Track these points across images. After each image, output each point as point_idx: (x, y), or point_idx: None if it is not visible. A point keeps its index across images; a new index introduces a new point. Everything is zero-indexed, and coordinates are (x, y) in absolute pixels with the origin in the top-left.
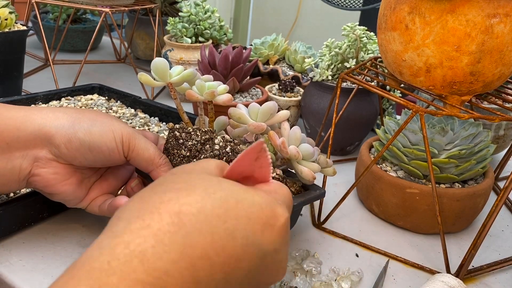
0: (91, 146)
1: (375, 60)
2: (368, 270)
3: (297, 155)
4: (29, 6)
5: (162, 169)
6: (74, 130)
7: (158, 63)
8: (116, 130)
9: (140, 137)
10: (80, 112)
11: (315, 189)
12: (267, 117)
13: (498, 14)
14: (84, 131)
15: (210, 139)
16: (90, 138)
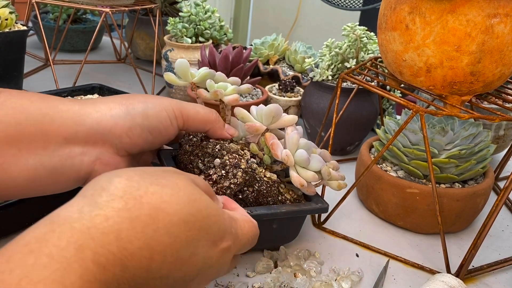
0: (151, 128)
1: (375, 60)
2: (368, 270)
3: (286, 159)
4: (29, 6)
5: (217, 126)
6: (131, 116)
7: (181, 63)
8: (167, 107)
9: (187, 105)
10: (129, 97)
11: (316, 202)
12: (270, 120)
13: (498, 14)
14: (141, 116)
15: (207, 138)
16: (148, 122)
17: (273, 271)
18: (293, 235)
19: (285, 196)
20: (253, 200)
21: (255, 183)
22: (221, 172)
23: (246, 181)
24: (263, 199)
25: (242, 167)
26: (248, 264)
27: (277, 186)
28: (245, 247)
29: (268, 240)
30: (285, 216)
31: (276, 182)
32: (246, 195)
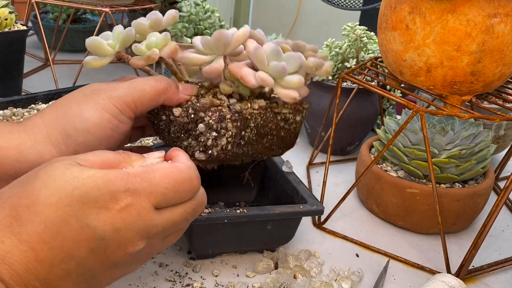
0: (98, 140)
1: (376, 60)
2: (368, 270)
3: (264, 82)
4: (29, 6)
5: (170, 93)
6: (71, 140)
7: (91, 41)
8: (107, 106)
9: (130, 88)
10: (65, 114)
11: (312, 203)
12: (222, 49)
13: (498, 14)
14: (82, 134)
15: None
16: (91, 136)
17: (273, 271)
18: (289, 236)
19: (283, 113)
20: (256, 138)
21: (249, 122)
22: (212, 134)
23: (240, 127)
24: (265, 130)
25: (228, 117)
26: (248, 264)
27: (270, 110)
28: (169, 197)
29: (263, 241)
30: (279, 218)
31: (267, 106)
32: (248, 138)
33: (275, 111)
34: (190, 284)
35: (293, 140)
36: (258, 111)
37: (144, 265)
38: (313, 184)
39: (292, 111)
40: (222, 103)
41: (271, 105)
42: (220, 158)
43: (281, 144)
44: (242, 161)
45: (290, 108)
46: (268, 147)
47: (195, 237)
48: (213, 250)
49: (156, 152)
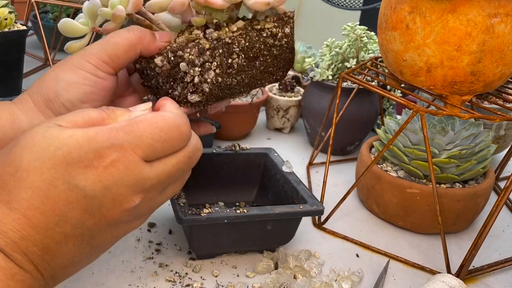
0: (82, 99)
1: (376, 59)
2: (369, 270)
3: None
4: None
5: (146, 42)
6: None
7: (63, 23)
8: (82, 65)
9: (103, 43)
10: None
11: (312, 204)
12: None
13: (498, 13)
14: (56, 77)
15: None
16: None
17: (273, 272)
18: (289, 236)
19: (267, 28)
20: (247, 63)
21: (233, 47)
22: (196, 70)
23: (224, 54)
24: (254, 52)
25: (207, 47)
26: (248, 264)
27: (251, 28)
28: (158, 148)
29: (263, 241)
30: (279, 218)
31: (247, 25)
32: (238, 65)
33: (257, 28)
34: (190, 284)
35: (290, 56)
36: (238, 33)
37: (144, 265)
38: (313, 184)
39: (277, 24)
40: (198, 36)
41: (252, 24)
42: (216, 94)
43: (278, 64)
44: (242, 91)
45: (273, 21)
46: (265, 71)
47: (195, 237)
48: (213, 250)
49: (142, 104)
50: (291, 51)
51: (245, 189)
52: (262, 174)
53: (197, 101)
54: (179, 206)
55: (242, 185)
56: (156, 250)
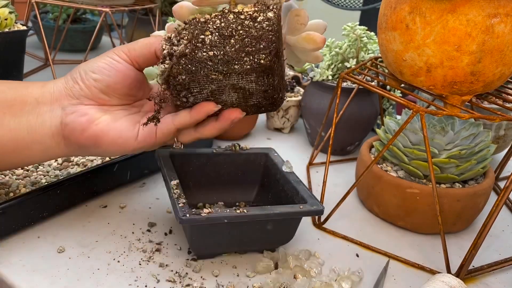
0: (94, 70)
1: (376, 60)
2: (369, 270)
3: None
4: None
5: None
6: (78, 67)
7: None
8: (108, 52)
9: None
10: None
11: (312, 204)
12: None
13: (498, 13)
14: (85, 63)
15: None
16: (86, 65)
17: (273, 271)
18: (289, 236)
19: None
20: (220, 40)
21: (207, 26)
22: (171, 47)
23: (196, 30)
24: (229, 32)
25: (182, 27)
26: (248, 264)
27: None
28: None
29: (263, 241)
30: (279, 218)
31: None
32: (210, 41)
33: (235, 11)
34: (190, 284)
35: (273, 39)
36: (214, 15)
37: (144, 265)
38: (313, 184)
39: (257, 8)
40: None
41: (229, 7)
42: (186, 66)
43: (257, 45)
44: (217, 69)
45: (253, 6)
46: (241, 50)
47: (195, 237)
48: (213, 250)
49: None
50: (274, 34)
51: (245, 189)
52: (262, 174)
53: (167, 70)
54: (179, 206)
55: (242, 185)
56: (156, 250)
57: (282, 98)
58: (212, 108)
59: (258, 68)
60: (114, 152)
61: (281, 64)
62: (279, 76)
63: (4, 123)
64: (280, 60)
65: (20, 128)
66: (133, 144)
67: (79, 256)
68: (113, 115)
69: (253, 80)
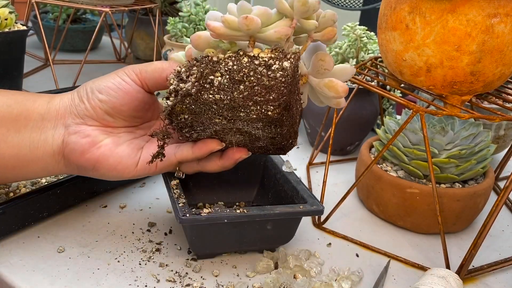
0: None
1: (375, 60)
2: (368, 270)
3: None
4: (29, 6)
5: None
6: (86, 84)
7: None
8: (119, 72)
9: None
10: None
11: (312, 204)
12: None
13: (498, 13)
14: (93, 81)
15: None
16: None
17: (273, 271)
18: (289, 236)
19: (261, 57)
20: (229, 83)
21: (219, 66)
22: (177, 81)
23: (206, 69)
24: (240, 76)
25: (194, 63)
26: (248, 264)
27: (244, 54)
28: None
29: (263, 241)
30: (279, 218)
31: (240, 51)
32: (218, 83)
33: (250, 55)
34: (190, 284)
35: (284, 91)
36: (228, 55)
37: (144, 265)
38: (313, 184)
39: (274, 55)
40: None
41: (246, 50)
42: (190, 107)
43: (266, 95)
44: (222, 113)
45: (270, 52)
46: (249, 98)
47: (195, 237)
48: (213, 250)
49: None
50: (286, 86)
51: (245, 189)
52: (262, 174)
53: (169, 112)
54: (179, 206)
55: (242, 185)
56: (156, 250)
57: (292, 144)
58: (215, 147)
59: (264, 119)
60: (112, 177)
61: (292, 114)
62: (289, 125)
63: (8, 139)
64: (290, 112)
65: (23, 145)
66: (132, 171)
67: (79, 256)
68: (116, 139)
69: (259, 128)
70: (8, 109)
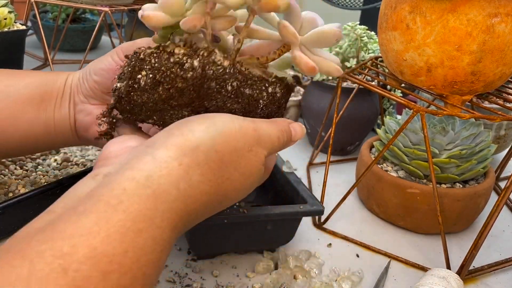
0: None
1: (376, 59)
2: (369, 271)
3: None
4: (29, 6)
5: None
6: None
7: None
8: (117, 48)
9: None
10: None
11: (312, 204)
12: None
13: (499, 13)
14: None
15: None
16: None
17: (273, 272)
18: (289, 237)
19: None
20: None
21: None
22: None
23: (134, 68)
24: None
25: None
26: (248, 264)
27: (163, 49)
28: (274, 145)
29: (263, 241)
30: (279, 218)
31: (161, 46)
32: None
33: (168, 51)
34: (190, 285)
35: (194, 96)
36: (151, 51)
37: None
38: (313, 184)
39: (186, 52)
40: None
41: (165, 46)
42: (125, 107)
43: (179, 99)
44: (151, 116)
45: (185, 46)
46: (167, 101)
47: (195, 237)
48: (213, 250)
49: None
50: (194, 89)
51: None
52: None
53: (111, 110)
54: None
55: None
56: None
57: None
58: None
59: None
60: None
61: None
62: None
63: (39, 116)
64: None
65: (49, 123)
66: None
67: None
68: None
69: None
70: (36, 90)
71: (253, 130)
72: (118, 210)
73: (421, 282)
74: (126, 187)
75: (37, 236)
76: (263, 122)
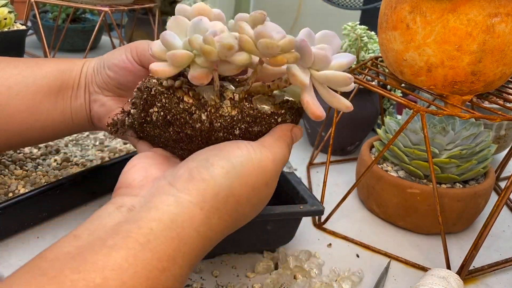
0: (108, 64)
1: (376, 59)
2: (369, 271)
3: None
4: (29, 6)
5: None
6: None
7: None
8: (131, 45)
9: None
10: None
11: (312, 204)
12: None
13: (499, 13)
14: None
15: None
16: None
17: (273, 272)
18: (289, 237)
19: (185, 101)
20: (162, 124)
21: (156, 100)
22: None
23: (146, 102)
24: (171, 117)
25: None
26: (248, 264)
27: (172, 92)
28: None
29: (263, 241)
30: (279, 218)
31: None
32: (156, 119)
33: (177, 95)
34: (190, 285)
35: (201, 146)
36: (161, 91)
37: None
38: (313, 184)
39: (194, 102)
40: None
41: (175, 89)
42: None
43: (188, 144)
44: (166, 144)
45: (193, 98)
46: (177, 143)
47: None
48: (213, 250)
49: None
50: (201, 140)
51: None
52: None
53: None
54: None
55: None
56: None
57: None
58: None
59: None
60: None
61: None
62: None
63: (57, 106)
64: None
65: (67, 112)
66: None
67: None
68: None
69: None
70: (54, 80)
71: (271, 161)
72: (146, 248)
73: (421, 282)
74: (153, 227)
75: (69, 263)
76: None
